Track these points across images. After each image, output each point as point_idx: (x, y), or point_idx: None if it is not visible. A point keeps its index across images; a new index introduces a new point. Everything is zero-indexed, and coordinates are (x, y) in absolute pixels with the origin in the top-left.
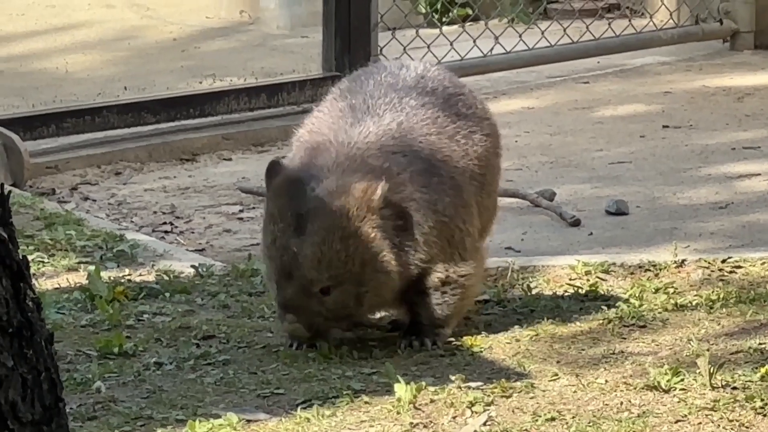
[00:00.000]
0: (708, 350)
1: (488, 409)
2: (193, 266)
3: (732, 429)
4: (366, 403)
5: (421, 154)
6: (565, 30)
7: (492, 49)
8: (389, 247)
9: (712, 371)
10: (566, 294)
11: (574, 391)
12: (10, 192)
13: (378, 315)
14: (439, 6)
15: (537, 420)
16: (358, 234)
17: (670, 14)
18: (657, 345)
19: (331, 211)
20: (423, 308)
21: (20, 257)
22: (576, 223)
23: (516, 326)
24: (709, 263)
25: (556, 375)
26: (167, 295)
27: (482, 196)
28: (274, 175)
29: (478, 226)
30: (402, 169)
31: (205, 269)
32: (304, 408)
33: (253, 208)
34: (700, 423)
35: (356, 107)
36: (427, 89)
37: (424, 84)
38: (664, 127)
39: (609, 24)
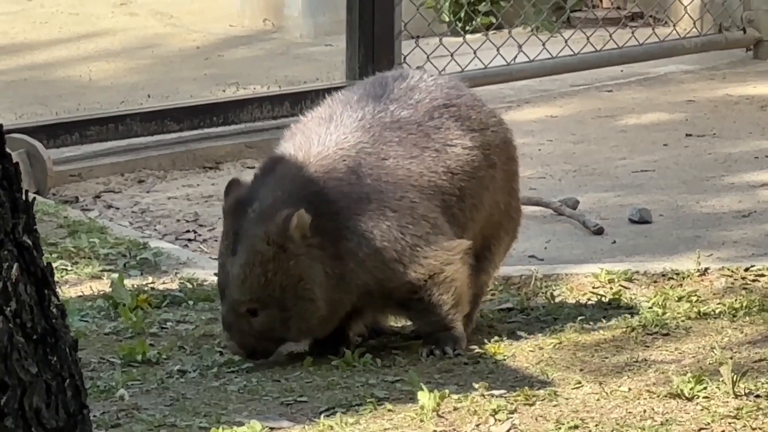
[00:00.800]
0: (731, 358)
1: (511, 417)
2: (216, 274)
3: None
4: (389, 410)
5: (368, 179)
6: (588, 38)
7: (515, 57)
8: (316, 275)
9: (735, 379)
10: (589, 302)
11: (597, 399)
12: (34, 199)
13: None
14: (462, 14)
15: (560, 428)
16: (276, 260)
17: (694, 23)
18: (680, 353)
19: (254, 235)
20: (415, 319)
21: (44, 264)
22: (599, 231)
23: (539, 334)
24: (732, 271)
25: (580, 383)
26: (191, 303)
27: (463, 209)
28: (227, 194)
29: (446, 233)
30: (340, 197)
31: None
32: (328, 416)
33: None
34: (723, 431)
35: (329, 120)
36: (411, 102)
37: (410, 96)
38: (687, 135)
39: (632, 32)
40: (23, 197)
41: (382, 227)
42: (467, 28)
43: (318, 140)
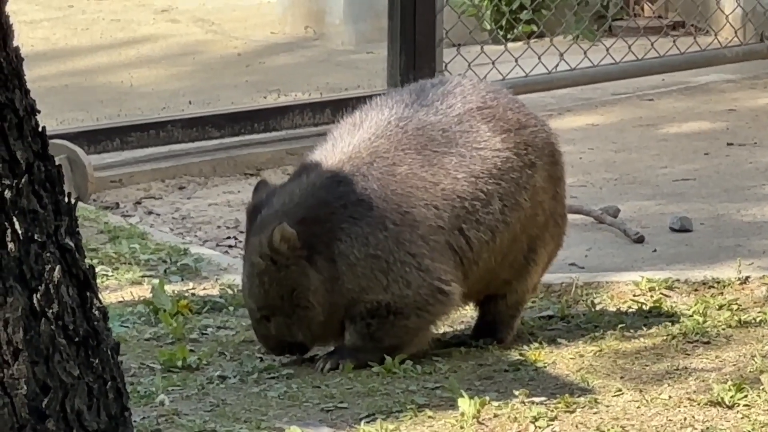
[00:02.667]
0: None
1: (552, 424)
2: None
3: None
4: (429, 417)
5: (376, 184)
6: (629, 47)
7: (557, 65)
8: (310, 283)
9: None
10: (630, 310)
11: (638, 407)
12: (77, 201)
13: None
14: (503, 22)
15: None
16: (268, 272)
17: (735, 32)
18: (721, 361)
19: (252, 247)
20: (351, 333)
21: (87, 266)
22: (640, 239)
23: (580, 341)
24: None
25: (620, 390)
26: (231, 308)
27: (488, 213)
28: (253, 195)
29: (444, 263)
30: (339, 199)
31: None
32: (368, 422)
33: None
34: None
35: (357, 126)
36: (442, 107)
37: (443, 101)
38: (728, 144)
39: (674, 41)
40: (66, 200)
41: (378, 236)
42: (508, 36)
43: (340, 146)
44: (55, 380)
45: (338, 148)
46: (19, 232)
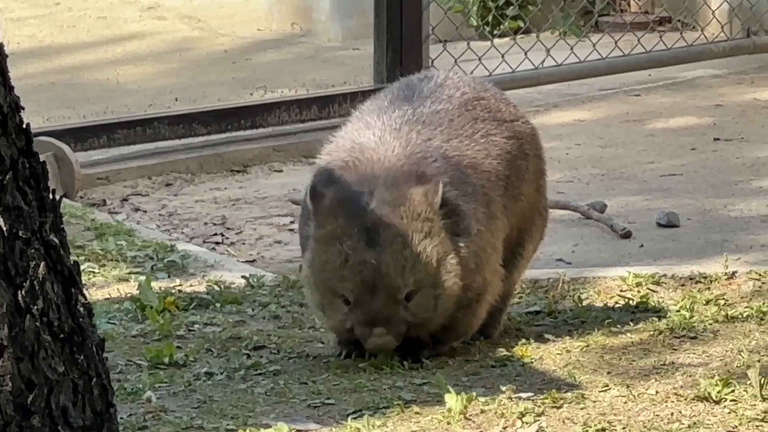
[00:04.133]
0: (758, 361)
1: (539, 420)
2: (243, 277)
3: None
4: (416, 413)
5: (451, 166)
6: (616, 43)
7: (543, 61)
8: (452, 248)
9: (762, 382)
10: (617, 305)
11: (625, 402)
12: (61, 198)
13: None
14: (490, 18)
15: (587, 431)
16: (428, 236)
17: (722, 27)
18: (708, 356)
19: (401, 219)
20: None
21: (71, 263)
22: (627, 235)
23: (567, 337)
24: (759, 275)
25: (607, 386)
26: (218, 305)
27: (508, 198)
28: (320, 197)
29: (499, 248)
30: (444, 178)
31: (255, 280)
32: (355, 418)
33: None
34: None
35: (372, 125)
36: (443, 97)
37: (441, 92)
38: (715, 139)
39: (660, 37)
40: (50, 196)
41: (479, 213)
42: (495, 32)
43: (373, 140)
44: (40, 377)
45: (380, 140)
46: (4, 228)
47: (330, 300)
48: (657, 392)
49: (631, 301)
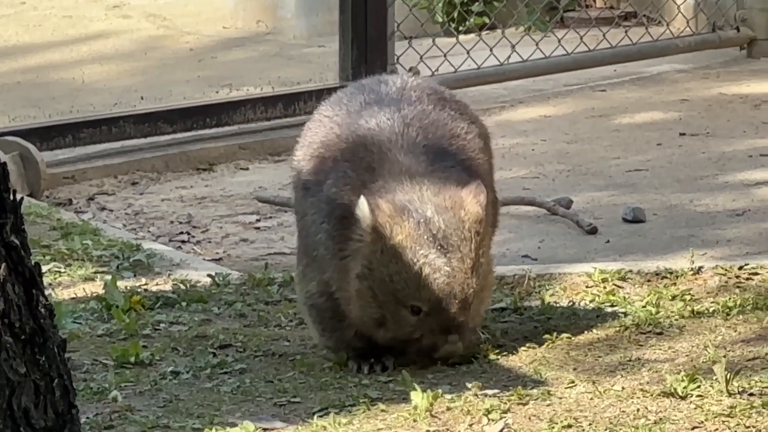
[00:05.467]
0: (725, 357)
1: (505, 417)
2: (209, 275)
3: None
4: (382, 410)
5: (456, 158)
6: (581, 38)
7: (509, 57)
8: (489, 247)
9: (728, 378)
10: (583, 301)
11: (591, 398)
12: (22, 199)
13: None
14: (455, 15)
15: (553, 427)
16: (483, 237)
17: (687, 22)
18: (674, 352)
19: (462, 222)
20: None
21: (32, 264)
22: (593, 230)
23: (533, 334)
24: (725, 270)
25: (573, 382)
26: (184, 304)
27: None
28: (377, 209)
29: None
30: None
31: (221, 278)
32: (321, 416)
33: (270, 217)
34: (717, 429)
35: (369, 125)
36: (412, 99)
37: (408, 93)
38: (681, 134)
39: (626, 32)
40: (11, 197)
41: (488, 209)
42: (460, 28)
43: (389, 137)
44: (2, 378)
45: (396, 140)
46: None
47: (393, 311)
48: (623, 388)
49: (597, 298)
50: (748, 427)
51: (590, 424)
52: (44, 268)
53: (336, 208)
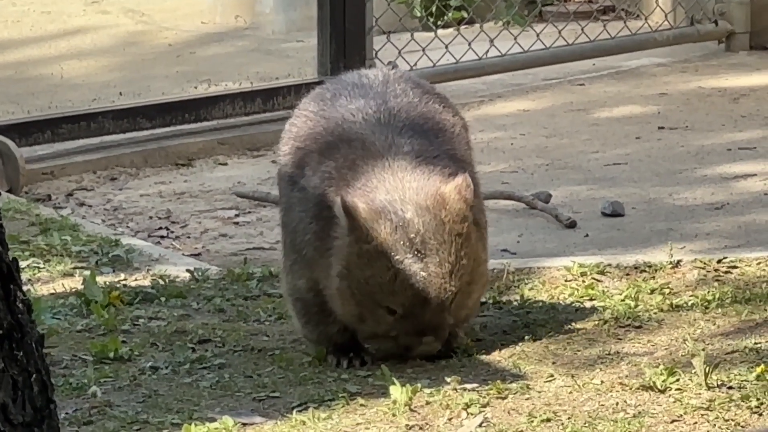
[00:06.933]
0: (704, 350)
1: (484, 411)
2: (188, 270)
3: (728, 428)
4: (362, 405)
5: (448, 153)
6: (560, 32)
7: (487, 51)
8: (479, 240)
9: (707, 371)
10: (562, 295)
11: (570, 392)
12: (0, 195)
13: None
14: (434, 9)
15: (533, 421)
16: (467, 236)
17: (666, 16)
18: (653, 345)
19: (442, 223)
20: None
21: (10, 259)
22: (572, 224)
23: (512, 328)
24: (704, 264)
25: (552, 376)
26: (163, 299)
27: None
28: (355, 210)
29: None
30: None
31: (200, 273)
32: (300, 411)
33: (249, 212)
34: (696, 423)
35: (354, 119)
36: (398, 92)
37: (392, 87)
38: (659, 128)
39: (604, 26)
40: None
41: (481, 204)
42: (439, 23)
43: (374, 131)
44: None
45: (384, 133)
46: None
47: (371, 310)
48: (602, 382)
49: (576, 291)
50: (727, 420)
51: (569, 418)
52: (23, 264)
53: (323, 209)
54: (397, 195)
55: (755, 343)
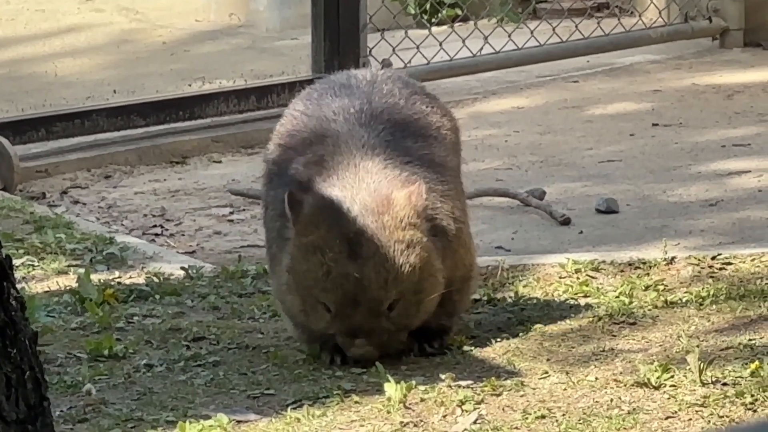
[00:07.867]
0: (698, 347)
1: (478, 408)
2: (183, 268)
3: (722, 425)
4: (356, 402)
5: (424, 158)
6: (554, 29)
7: (481, 49)
8: (434, 252)
9: (702, 367)
10: (556, 292)
11: (564, 389)
12: None
13: None
14: (428, 6)
15: (527, 418)
16: (411, 243)
17: (660, 12)
18: (647, 342)
19: (383, 227)
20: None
21: (4, 257)
22: (566, 221)
23: (506, 325)
24: (699, 260)
25: (546, 373)
26: (157, 297)
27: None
28: (299, 205)
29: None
30: (416, 177)
31: (195, 271)
32: (295, 408)
33: (243, 210)
34: (690, 419)
35: (335, 118)
36: (384, 93)
37: (379, 87)
38: (653, 125)
39: (598, 23)
40: None
41: (459, 207)
42: (433, 20)
43: (329, 139)
44: None
45: (339, 138)
46: None
47: (312, 306)
48: (596, 379)
49: (570, 288)
50: (722, 416)
51: (564, 415)
52: (17, 262)
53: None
54: (349, 194)
55: (749, 340)
